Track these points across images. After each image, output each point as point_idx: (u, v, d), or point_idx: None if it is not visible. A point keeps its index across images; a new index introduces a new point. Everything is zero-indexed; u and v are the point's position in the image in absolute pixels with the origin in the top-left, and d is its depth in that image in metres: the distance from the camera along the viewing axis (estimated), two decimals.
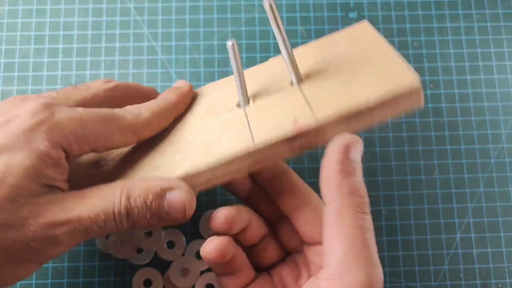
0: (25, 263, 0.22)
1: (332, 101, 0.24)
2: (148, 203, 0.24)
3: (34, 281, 0.33)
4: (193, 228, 0.34)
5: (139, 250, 0.33)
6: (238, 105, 0.28)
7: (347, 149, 0.23)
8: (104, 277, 0.33)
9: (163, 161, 0.27)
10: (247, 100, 0.28)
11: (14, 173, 0.21)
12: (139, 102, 0.28)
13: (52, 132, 0.23)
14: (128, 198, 0.23)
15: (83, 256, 0.33)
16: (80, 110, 0.25)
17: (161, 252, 0.33)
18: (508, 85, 0.37)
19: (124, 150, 0.30)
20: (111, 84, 0.29)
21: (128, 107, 0.27)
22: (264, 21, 0.38)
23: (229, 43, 0.26)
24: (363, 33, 0.28)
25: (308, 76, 0.27)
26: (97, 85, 0.28)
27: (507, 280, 0.34)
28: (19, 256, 0.21)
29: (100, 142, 0.25)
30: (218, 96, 0.31)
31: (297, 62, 0.27)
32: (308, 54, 0.29)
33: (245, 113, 0.27)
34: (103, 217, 0.23)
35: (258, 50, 0.37)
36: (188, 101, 0.31)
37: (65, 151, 0.24)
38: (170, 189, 0.24)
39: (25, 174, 0.21)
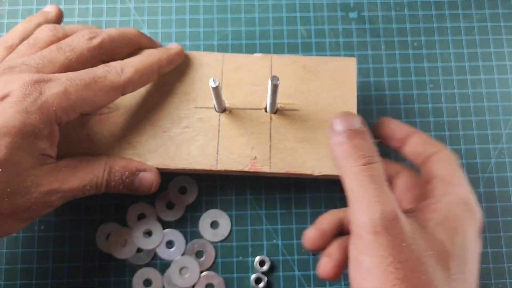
0: (24, 221, 0.28)
1: (287, 159, 0.31)
2: (124, 178, 0.30)
3: (34, 281, 0.33)
4: (193, 228, 0.34)
5: (139, 250, 0.33)
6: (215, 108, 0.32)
7: (332, 127, 0.27)
8: (104, 277, 0.33)
9: (138, 141, 0.31)
10: (222, 110, 0.32)
11: (17, 153, 0.25)
12: (125, 51, 0.32)
13: (42, 113, 0.26)
14: (109, 173, 0.29)
15: (83, 256, 0.34)
16: (64, 80, 0.27)
17: (161, 252, 0.33)
18: (508, 85, 0.37)
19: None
20: (95, 42, 0.30)
21: (112, 65, 0.29)
22: (264, 21, 0.38)
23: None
24: (344, 71, 0.33)
25: (281, 111, 0.32)
26: (81, 43, 0.29)
27: (507, 280, 0.34)
28: (21, 216, 0.27)
29: (86, 107, 0.28)
30: (202, 79, 0.33)
31: (281, 79, 0.29)
32: (292, 76, 0.32)
33: (218, 123, 0.32)
34: (88, 187, 0.29)
35: (258, 50, 0.37)
36: (175, 64, 0.32)
37: (56, 123, 0.27)
38: (143, 170, 0.31)
39: (25, 154, 0.26)
